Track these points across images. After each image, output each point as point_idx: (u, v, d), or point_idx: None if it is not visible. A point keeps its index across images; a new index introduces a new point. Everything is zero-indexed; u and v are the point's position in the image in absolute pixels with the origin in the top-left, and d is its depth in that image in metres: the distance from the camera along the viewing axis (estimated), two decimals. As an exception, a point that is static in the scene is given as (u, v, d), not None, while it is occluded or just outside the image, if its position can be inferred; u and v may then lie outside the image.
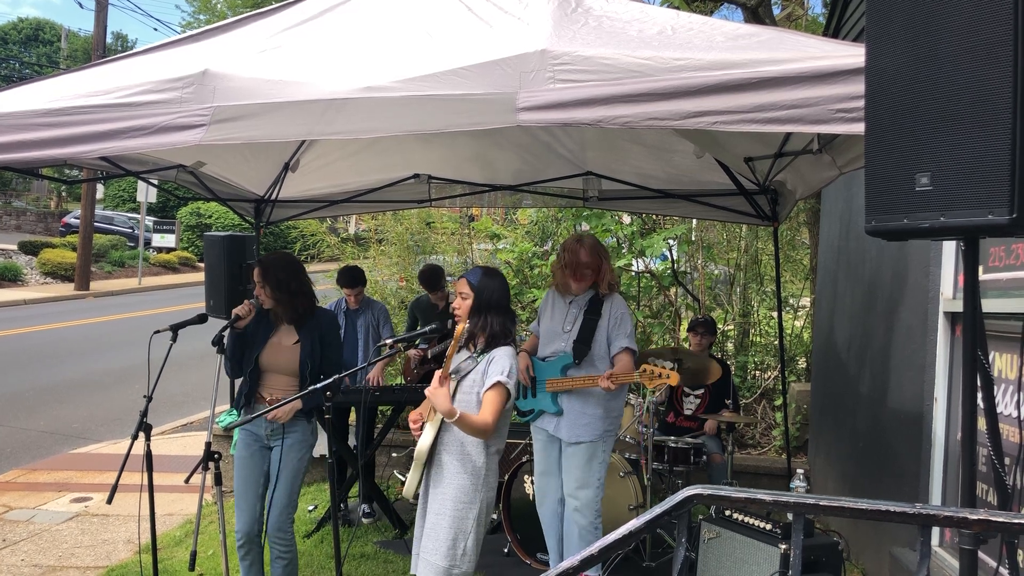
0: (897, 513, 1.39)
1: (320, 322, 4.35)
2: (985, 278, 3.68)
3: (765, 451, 7.39)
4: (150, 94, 3.09)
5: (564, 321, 4.58)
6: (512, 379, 3.48)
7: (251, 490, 4.26)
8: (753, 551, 3.92)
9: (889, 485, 4.84)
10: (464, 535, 3.46)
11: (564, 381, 4.46)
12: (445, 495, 3.51)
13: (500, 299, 3.65)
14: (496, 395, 3.45)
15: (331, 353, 4.35)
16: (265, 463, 4.29)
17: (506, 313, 3.65)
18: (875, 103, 2.34)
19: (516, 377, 3.52)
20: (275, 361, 4.26)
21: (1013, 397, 3.46)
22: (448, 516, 3.48)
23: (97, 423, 9.20)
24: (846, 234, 6.26)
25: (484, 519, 3.56)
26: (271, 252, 4.58)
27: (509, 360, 3.51)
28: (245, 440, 4.30)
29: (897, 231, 2.30)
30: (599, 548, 1.38)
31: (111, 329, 16.23)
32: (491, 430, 3.45)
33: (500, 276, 3.78)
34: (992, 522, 1.37)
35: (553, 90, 2.89)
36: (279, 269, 4.26)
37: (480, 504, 3.51)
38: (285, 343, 4.28)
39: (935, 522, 1.43)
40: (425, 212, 10.33)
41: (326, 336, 4.34)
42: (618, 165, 5.91)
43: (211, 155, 5.19)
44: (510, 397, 3.48)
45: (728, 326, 9.14)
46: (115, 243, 28.08)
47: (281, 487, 4.21)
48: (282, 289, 4.23)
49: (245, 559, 4.26)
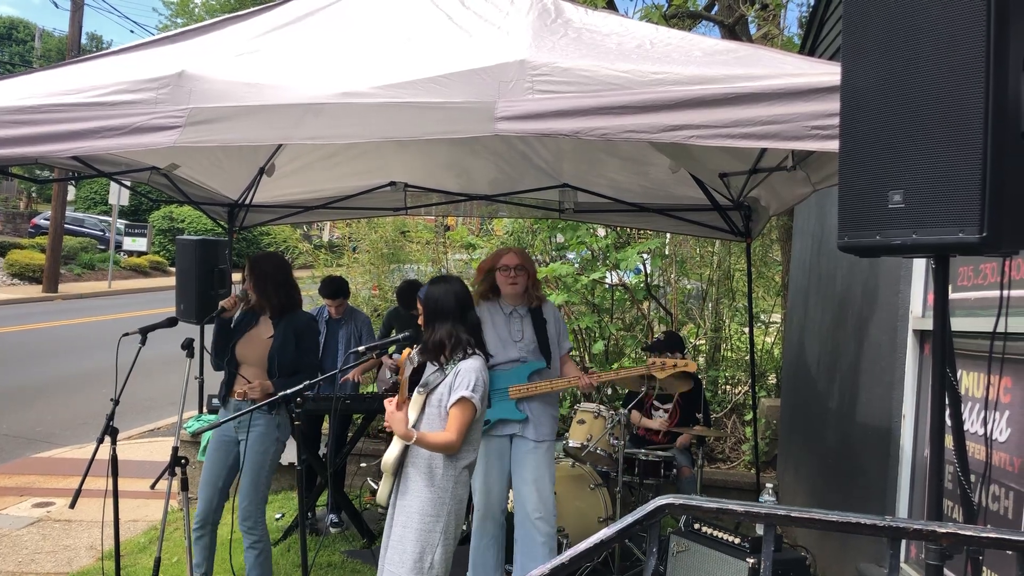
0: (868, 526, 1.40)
1: (297, 321, 4.54)
2: (954, 297, 3.72)
3: (734, 465, 7.42)
4: (125, 94, 3.06)
5: (511, 331, 4.61)
6: (477, 393, 3.43)
7: (211, 483, 4.51)
8: (722, 565, 3.92)
9: (857, 501, 4.87)
10: (431, 548, 3.41)
11: (532, 387, 4.48)
12: (411, 508, 3.47)
13: (445, 306, 3.57)
14: (460, 411, 3.41)
15: (305, 354, 4.53)
16: (231, 457, 4.52)
17: (456, 320, 3.56)
18: (850, 120, 2.37)
19: (483, 390, 3.47)
20: (249, 353, 4.48)
21: (979, 415, 3.50)
22: (414, 529, 3.44)
23: (62, 427, 9.06)
24: (817, 251, 6.31)
25: (453, 532, 3.51)
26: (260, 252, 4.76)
27: (475, 373, 3.46)
28: (217, 435, 4.55)
29: (869, 247, 2.32)
30: (569, 557, 1.38)
31: (79, 332, 16.01)
32: (456, 446, 3.41)
33: (447, 282, 3.69)
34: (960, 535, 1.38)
35: (532, 100, 2.90)
36: (266, 263, 4.54)
37: (447, 517, 3.47)
38: (261, 336, 4.49)
39: (905, 535, 1.44)
40: (400, 220, 10.30)
41: (301, 336, 4.51)
42: (594, 177, 5.93)
43: (185, 157, 5.14)
44: (476, 411, 3.44)
45: (700, 341, 9.18)
46: (85, 245, 27.72)
47: (246, 477, 4.41)
48: (267, 281, 4.47)
49: (199, 542, 4.50)
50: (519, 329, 4.60)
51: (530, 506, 4.45)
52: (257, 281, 4.47)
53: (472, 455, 3.56)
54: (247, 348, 4.48)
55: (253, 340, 4.48)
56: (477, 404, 3.42)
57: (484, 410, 3.54)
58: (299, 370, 4.44)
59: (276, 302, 4.49)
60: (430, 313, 3.60)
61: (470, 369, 3.47)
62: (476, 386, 3.42)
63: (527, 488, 4.47)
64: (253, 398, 4.36)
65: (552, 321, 4.73)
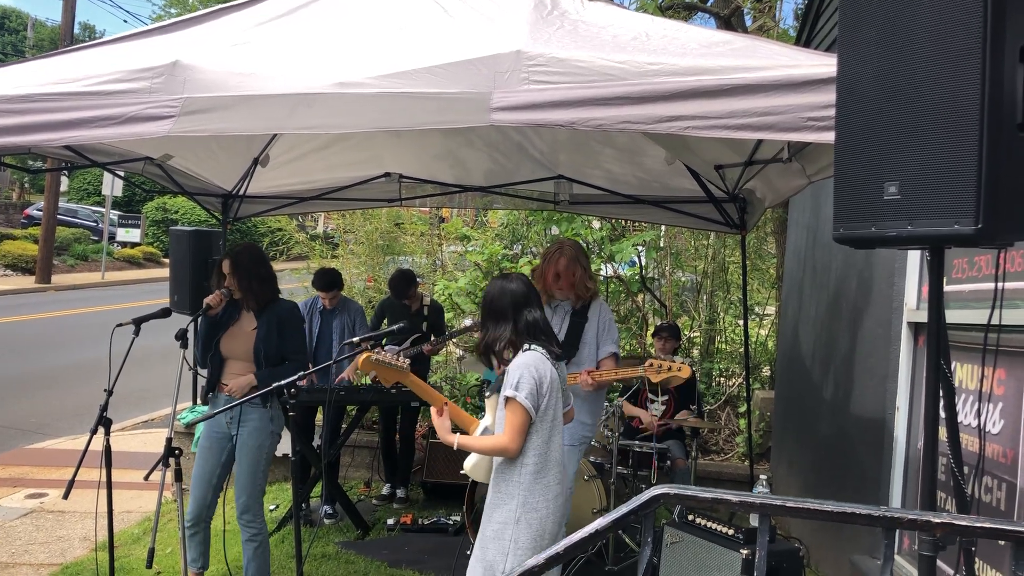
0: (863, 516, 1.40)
1: (280, 311, 4.52)
2: (948, 289, 3.73)
3: (728, 457, 7.44)
4: (119, 83, 3.05)
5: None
6: (522, 391, 3.19)
7: (204, 479, 4.47)
8: (715, 555, 3.93)
9: (850, 492, 4.89)
10: (502, 556, 3.23)
11: None
12: (488, 512, 3.33)
13: (497, 306, 3.40)
14: (509, 412, 3.21)
15: (291, 342, 4.52)
16: (224, 453, 4.48)
17: (508, 319, 3.36)
18: (845, 112, 2.37)
19: (531, 386, 3.21)
20: (234, 347, 4.45)
21: (973, 407, 3.51)
22: (487, 536, 3.28)
23: (55, 418, 9.04)
24: (812, 244, 6.32)
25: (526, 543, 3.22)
26: (236, 244, 4.63)
27: (519, 370, 3.24)
28: (207, 431, 4.50)
29: (864, 239, 2.32)
30: (564, 547, 1.38)
31: (72, 323, 15.97)
32: (509, 449, 3.21)
33: (505, 279, 3.50)
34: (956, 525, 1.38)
35: (527, 91, 2.90)
36: (247, 257, 4.47)
37: (516, 526, 3.22)
38: (245, 330, 4.46)
39: (900, 525, 1.44)
40: (395, 212, 10.28)
41: (285, 325, 4.50)
42: (589, 169, 5.92)
43: (179, 148, 5.12)
44: (526, 410, 3.19)
45: (694, 333, 9.19)
46: (78, 236, 27.61)
47: (244, 472, 4.39)
48: (250, 277, 4.42)
49: (193, 538, 4.48)
50: (557, 325, 4.51)
51: None
52: (240, 275, 4.41)
53: (535, 458, 3.27)
54: (232, 343, 4.45)
55: (237, 334, 4.45)
56: (523, 402, 3.18)
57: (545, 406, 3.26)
58: (286, 359, 4.46)
59: (259, 295, 4.45)
60: (483, 313, 3.46)
61: (516, 366, 3.27)
62: (520, 383, 3.20)
63: None
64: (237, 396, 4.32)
65: (595, 321, 4.58)
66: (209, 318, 4.43)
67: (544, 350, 3.34)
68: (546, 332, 3.43)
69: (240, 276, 4.41)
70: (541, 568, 1.36)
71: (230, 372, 4.46)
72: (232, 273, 4.42)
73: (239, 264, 4.42)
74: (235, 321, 4.48)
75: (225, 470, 4.51)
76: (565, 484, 3.41)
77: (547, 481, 3.27)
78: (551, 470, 3.29)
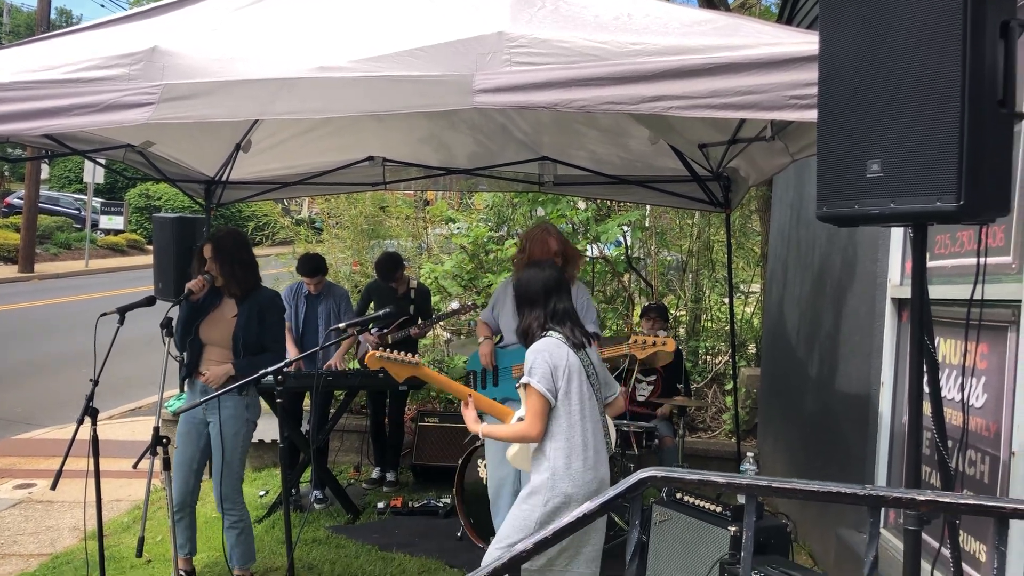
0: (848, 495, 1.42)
1: (261, 299, 4.50)
2: (931, 265, 3.75)
3: (715, 435, 7.49)
4: (97, 70, 3.01)
5: None
6: (535, 375, 3.25)
7: (185, 465, 4.49)
8: (703, 533, 3.96)
9: (836, 468, 4.93)
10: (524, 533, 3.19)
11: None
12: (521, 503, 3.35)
13: (528, 293, 3.48)
14: (527, 398, 3.28)
15: (271, 332, 4.51)
16: (202, 439, 4.49)
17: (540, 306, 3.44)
18: (828, 90, 2.37)
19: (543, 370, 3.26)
20: (213, 334, 4.44)
21: (957, 381, 3.54)
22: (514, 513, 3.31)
23: (42, 408, 9.00)
24: (796, 221, 6.34)
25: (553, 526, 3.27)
26: (218, 228, 4.59)
27: (533, 355, 3.31)
28: (185, 417, 4.50)
29: (848, 217, 2.33)
30: (552, 531, 1.38)
31: (57, 312, 15.87)
32: (530, 435, 3.27)
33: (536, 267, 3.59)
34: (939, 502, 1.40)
35: (510, 73, 2.89)
36: (229, 242, 4.44)
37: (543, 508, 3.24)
38: (225, 316, 4.44)
39: (885, 503, 1.46)
40: (379, 195, 10.24)
41: (265, 314, 4.47)
42: (573, 150, 5.91)
43: (160, 135, 5.08)
44: (542, 395, 3.23)
45: (680, 312, 9.22)
46: (61, 224, 27.38)
47: (220, 460, 4.39)
48: (232, 262, 4.40)
49: (179, 524, 4.47)
50: None
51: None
52: (222, 260, 4.37)
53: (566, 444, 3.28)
54: (212, 329, 4.43)
55: (217, 320, 4.43)
56: (536, 386, 3.23)
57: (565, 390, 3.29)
58: (265, 348, 4.44)
59: (242, 281, 4.42)
60: (518, 299, 3.52)
61: (531, 352, 3.34)
62: (533, 369, 3.27)
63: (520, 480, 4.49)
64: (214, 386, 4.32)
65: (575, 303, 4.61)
66: (190, 303, 4.41)
67: (562, 336, 3.38)
68: (573, 320, 3.47)
69: (222, 261, 4.37)
70: (530, 553, 1.37)
71: (208, 358, 4.45)
72: (214, 258, 4.38)
73: (221, 249, 4.38)
74: (215, 307, 4.46)
75: (204, 455, 4.53)
76: (601, 471, 3.36)
77: (577, 467, 3.27)
78: (583, 458, 3.28)
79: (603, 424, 3.44)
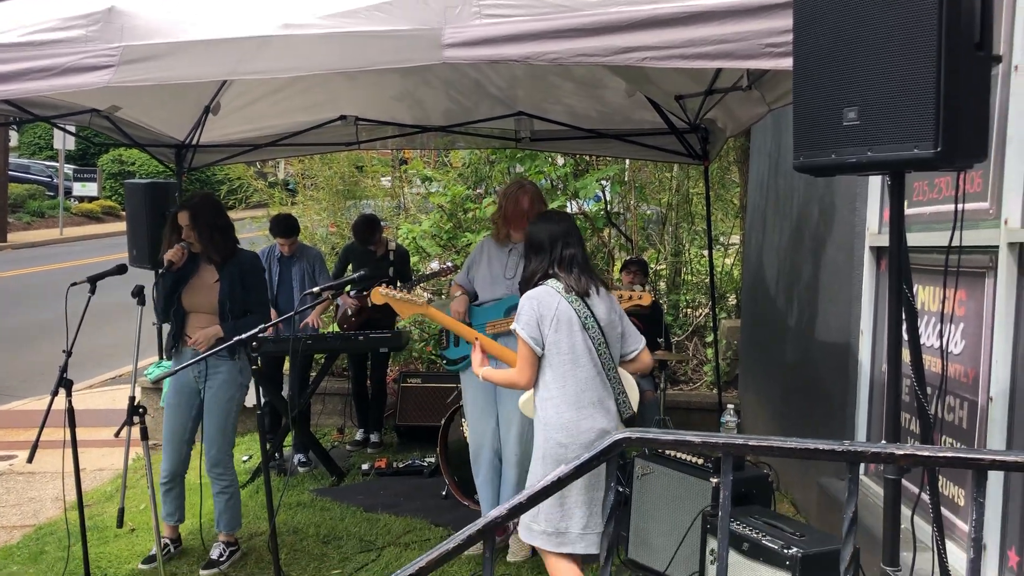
0: (826, 451, 1.40)
1: (241, 262, 4.45)
2: (909, 212, 3.74)
3: (697, 387, 7.52)
4: (52, 32, 2.93)
5: (505, 268, 4.51)
6: (519, 322, 3.27)
7: (178, 435, 4.48)
8: (686, 486, 3.99)
9: (818, 416, 4.97)
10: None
11: (506, 321, 4.41)
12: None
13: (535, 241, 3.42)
14: (518, 345, 3.30)
15: (254, 294, 4.48)
16: (194, 408, 4.47)
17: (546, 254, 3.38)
18: (803, 37, 2.33)
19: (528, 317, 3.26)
20: (197, 301, 4.39)
21: (935, 328, 3.55)
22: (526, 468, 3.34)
23: (19, 379, 8.92)
24: (775, 171, 6.31)
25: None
26: (191, 193, 4.52)
27: (523, 302, 3.32)
28: (175, 387, 4.46)
29: (824, 167, 2.31)
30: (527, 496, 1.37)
31: (32, 281, 15.69)
32: (518, 382, 3.32)
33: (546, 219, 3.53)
34: (918, 456, 1.39)
35: (479, 26, 2.82)
36: (206, 209, 4.37)
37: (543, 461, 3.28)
38: (206, 282, 4.39)
39: (863, 458, 1.45)
40: (355, 155, 10.12)
41: (247, 277, 4.44)
42: (549, 104, 5.84)
43: (126, 98, 4.96)
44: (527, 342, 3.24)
45: (660, 266, 9.22)
46: (33, 192, 26.95)
47: (214, 425, 4.39)
48: (212, 228, 4.34)
49: (168, 493, 4.54)
50: (513, 266, 4.45)
51: (508, 447, 4.48)
52: (200, 228, 4.30)
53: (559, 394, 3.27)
54: (194, 296, 4.38)
55: (199, 288, 4.38)
56: (519, 332, 3.26)
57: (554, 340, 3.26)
58: (249, 310, 4.41)
59: (221, 247, 4.36)
60: (526, 248, 3.49)
61: (522, 299, 3.34)
62: (520, 316, 3.28)
63: (504, 428, 4.49)
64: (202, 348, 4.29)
65: None
66: (171, 273, 4.33)
67: (562, 284, 3.32)
68: (581, 266, 3.39)
69: (201, 228, 4.30)
70: (504, 518, 1.36)
71: (194, 325, 4.40)
72: (192, 226, 4.30)
73: (199, 215, 4.30)
74: (195, 274, 4.40)
75: (196, 424, 4.50)
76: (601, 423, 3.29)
77: (569, 417, 3.24)
78: (575, 408, 3.25)
79: (610, 378, 3.36)
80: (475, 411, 4.59)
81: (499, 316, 4.45)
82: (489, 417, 4.54)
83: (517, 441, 4.41)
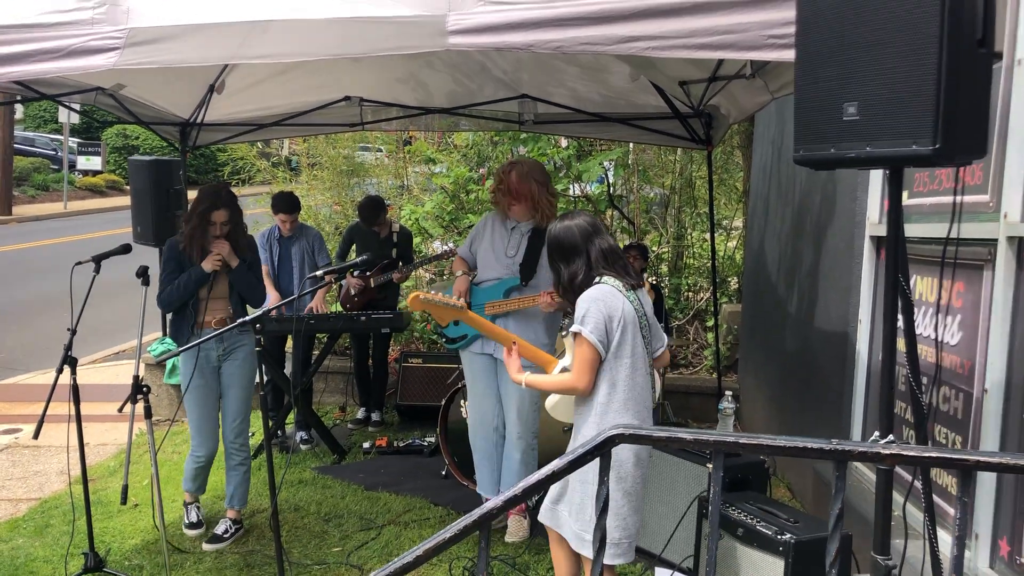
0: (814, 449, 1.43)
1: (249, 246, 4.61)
2: (909, 203, 3.76)
3: (697, 371, 7.57)
4: (59, 14, 2.94)
5: (507, 246, 4.52)
6: (588, 325, 3.04)
7: (211, 416, 4.55)
8: (683, 470, 4.03)
9: (814, 403, 5.01)
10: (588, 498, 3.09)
11: (506, 303, 4.44)
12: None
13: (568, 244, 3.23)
14: (576, 348, 3.08)
15: (255, 271, 4.62)
16: (219, 385, 4.56)
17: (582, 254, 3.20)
18: (806, 30, 2.33)
19: (597, 319, 3.05)
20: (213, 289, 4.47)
21: (932, 319, 3.57)
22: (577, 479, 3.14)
23: (25, 352, 8.98)
24: (778, 158, 6.32)
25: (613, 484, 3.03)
26: (210, 185, 4.55)
27: (586, 304, 3.08)
28: (199, 368, 4.46)
29: (824, 160, 2.32)
30: (522, 489, 1.40)
31: (37, 255, 15.74)
32: (578, 388, 3.09)
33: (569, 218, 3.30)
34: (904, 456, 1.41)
35: (484, 13, 2.83)
36: (237, 206, 4.47)
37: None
38: (220, 271, 4.46)
39: (851, 457, 1.48)
40: (359, 136, 10.12)
41: (253, 260, 4.60)
42: (554, 87, 5.84)
43: (131, 77, 4.97)
44: (592, 345, 3.04)
45: (663, 249, 9.24)
46: (38, 166, 26.99)
47: (237, 399, 4.55)
48: (244, 228, 4.55)
49: (202, 471, 4.67)
50: (515, 245, 4.48)
51: (509, 426, 4.54)
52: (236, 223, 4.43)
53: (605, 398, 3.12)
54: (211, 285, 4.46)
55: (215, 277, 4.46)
56: (588, 336, 3.03)
57: (618, 342, 3.09)
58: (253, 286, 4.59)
59: (245, 242, 4.53)
60: (552, 256, 3.29)
61: (582, 300, 3.11)
62: (586, 318, 3.05)
63: (506, 407, 4.54)
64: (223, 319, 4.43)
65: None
66: (186, 260, 4.39)
67: (618, 282, 3.16)
68: (622, 259, 3.25)
69: (236, 224, 4.43)
70: (500, 509, 1.39)
71: (212, 309, 4.47)
72: (234, 223, 4.41)
73: (234, 213, 4.41)
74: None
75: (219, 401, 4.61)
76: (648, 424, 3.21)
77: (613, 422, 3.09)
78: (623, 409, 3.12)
79: (651, 379, 3.26)
80: (476, 389, 4.64)
81: (498, 297, 4.47)
82: (490, 395, 4.59)
83: (517, 419, 4.48)
